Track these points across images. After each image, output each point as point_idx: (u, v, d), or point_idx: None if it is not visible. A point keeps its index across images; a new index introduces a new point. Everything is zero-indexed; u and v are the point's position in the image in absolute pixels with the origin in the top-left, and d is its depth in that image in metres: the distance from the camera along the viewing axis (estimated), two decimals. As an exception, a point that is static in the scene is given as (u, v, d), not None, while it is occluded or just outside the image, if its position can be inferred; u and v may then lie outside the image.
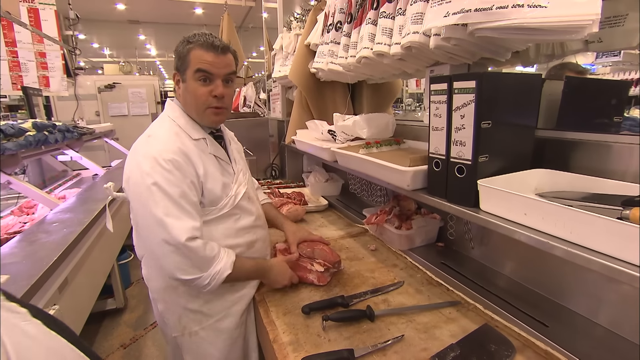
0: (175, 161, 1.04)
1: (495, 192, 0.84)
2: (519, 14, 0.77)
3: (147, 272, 1.24)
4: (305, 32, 2.10)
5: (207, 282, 1.06)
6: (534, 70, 1.51)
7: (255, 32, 8.97)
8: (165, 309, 1.22)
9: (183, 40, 1.12)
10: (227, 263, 1.09)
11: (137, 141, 1.12)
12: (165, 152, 1.04)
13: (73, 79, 4.86)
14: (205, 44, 1.09)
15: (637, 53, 3.75)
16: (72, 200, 2.22)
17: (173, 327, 1.22)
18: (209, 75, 1.10)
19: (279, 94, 2.72)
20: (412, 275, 1.32)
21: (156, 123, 1.18)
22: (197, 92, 1.10)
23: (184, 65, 1.11)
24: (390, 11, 1.22)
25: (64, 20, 4.36)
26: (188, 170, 1.07)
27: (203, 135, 1.17)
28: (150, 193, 1.01)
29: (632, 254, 0.58)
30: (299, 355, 0.91)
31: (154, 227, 1.02)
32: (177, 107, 1.18)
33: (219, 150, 1.21)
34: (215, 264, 1.07)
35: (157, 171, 1.02)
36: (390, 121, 1.65)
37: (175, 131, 1.12)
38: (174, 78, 1.17)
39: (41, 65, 3.67)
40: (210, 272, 1.06)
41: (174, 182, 1.03)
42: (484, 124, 0.85)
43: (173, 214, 1.01)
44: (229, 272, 1.08)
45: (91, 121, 4.85)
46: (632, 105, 1.00)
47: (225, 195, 1.16)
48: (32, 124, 2.06)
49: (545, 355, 0.88)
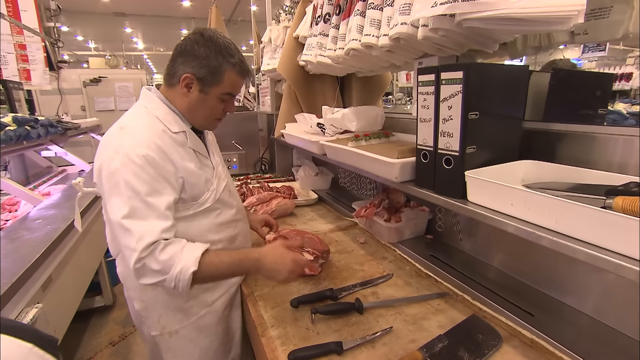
0: (149, 157, 0.97)
1: (482, 183, 0.84)
2: (506, 4, 0.77)
3: (123, 271, 1.20)
4: (293, 24, 2.08)
5: (174, 285, 0.95)
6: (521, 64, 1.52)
7: (244, 25, 8.86)
8: (142, 307, 1.17)
9: (217, 52, 1.03)
10: (188, 261, 0.95)
11: (109, 132, 1.05)
12: (139, 146, 0.97)
13: (56, 72, 4.72)
14: (242, 72, 1.08)
15: (622, 48, 3.79)
16: (56, 197, 2.16)
17: (151, 325, 1.18)
18: (232, 97, 1.12)
19: (268, 88, 2.69)
20: (401, 268, 1.32)
21: (130, 113, 1.10)
22: (216, 109, 1.11)
23: (214, 81, 1.05)
24: (378, 2, 1.21)
25: (44, 11, 4.23)
26: (164, 166, 1.00)
27: (183, 128, 1.10)
28: (119, 191, 0.94)
29: (614, 242, 0.59)
30: (287, 349, 0.90)
31: (118, 228, 0.95)
32: (155, 98, 1.10)
33: (199, 144, 1.15)
34: (175, 265, 0.94)
35: (128, 167, 0.95)
36: (379, 114, 1.64)
37: (151, 124, 1.04)
38: (182, 79, 1.05)
39: (21, 57, 3.55)
40: (172, 274, 0.94)
41: (145, 180, 0.96)
42: (471, 115, 0.85)
43: (138, 215, 0.94)
44: (193, 270, 0.94)
45: (77, 116, 4.72)
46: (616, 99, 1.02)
47: (206, 190, 1.12)
48: (13, 118, 2.00)
49: (531, 343, 0.90)
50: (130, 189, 0.94)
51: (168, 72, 1.10)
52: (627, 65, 6.88)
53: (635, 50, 7.80)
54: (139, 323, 1.26)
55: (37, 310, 1.20)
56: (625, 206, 0.59)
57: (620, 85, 6.85)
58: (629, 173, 0.79)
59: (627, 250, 0.57)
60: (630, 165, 0.84)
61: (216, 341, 1.24)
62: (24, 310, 1.19)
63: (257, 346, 1.03)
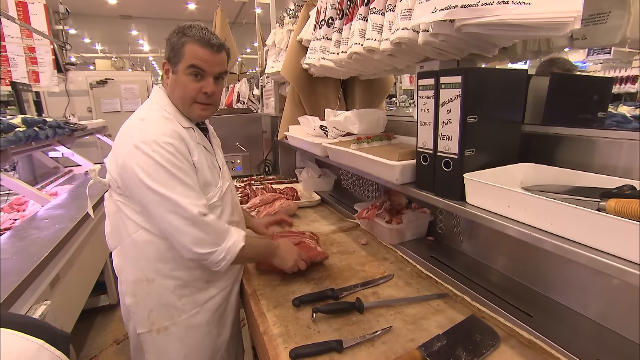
0: (175, 144, 1.05)
1: (480, 185, 0.85)
2: (503, 10, 0.78)
3: (120, 263, 1.19)
4: (297, 28, 2.10)
5: (222, 257, 1.07)
6: (525, 67, 1.54)
7: (248, 27, 8.92)
8: (133, 303, 1.17)
9: (177, 31, 1.10)
10: (239, 237, 1.11)
11: (128, 126, 1.09)
12: (164, 135, 1.04)
13: (64, 74, 4.79)
14: (201, 40, 1.08)
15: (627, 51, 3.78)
16: (63, 197, 2.21)
17: (139, 322, 1.18)
18: (202, 72, 1.10)
19: (272, 90, 2.72)
20: (402, 269, 1.34)
21: (145, 107, 1.16)
22: (188, 86, 1.11)
23: (177, 58, 1.10)
24: (380, 7, 1.23)
25: (53, 14, 4.30)
26: (186, 154, 1.08)
27: (191, 125, 1.17)
28: (157, 174, 1.01)
29: (607, 243, 0.61)
30: (289, 347, 0.92)
31: (166, 206, 1.02)
32: (165, 95, 1.17)
33: (206, 142, 1.21)
34: (228, 238, 1.09)
35: (160, 153, 1.01)
36: (382, 117, 1.66)
37: (168, 117, 1.11)
38: (163, 66, 1.16)
39: (30, 60, 3.62)
40: (224, 246, 1.07)
41: (177, 164, 1.04)
42: (470, 118, 0.87)
43: (182, 192, 1.03)
44: (242, 245, 1.10)
45: (83, 117, 4.79)
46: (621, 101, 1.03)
47: (214, 186, 1.18)
48: (22, 119, 2.04)
49: (528, 344, 0.91)
50: (167, 171, 1.02)
51: None
52: (633, 68, 6.84)
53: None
54: (126, 319, 1.26)
55: (46, 307, 1.23)
56: (618, 208, 0.61)
57: (626, 88, 6.81)
58: (625, 176, 0.81)
59: (619, 252, 0.59)
60: (627, 168, 0.85)
61: (205, 341, 1.24)
62: (33, 306, 1.23)
63: (259, 344, 1.05)
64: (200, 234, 1.04)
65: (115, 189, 1.13)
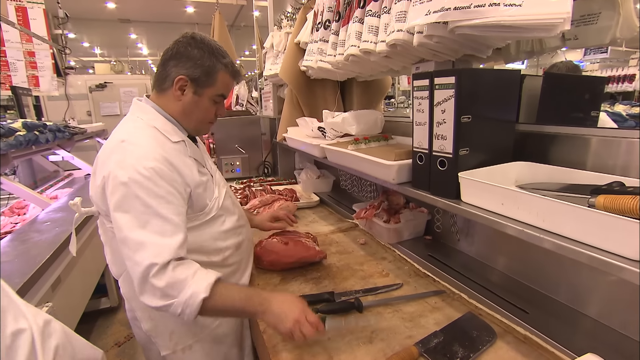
0: (157, 168, 0.93)
1: (474, 184, 0.87)
2: (495, 12, 0.80)
3: (129, 291, 1.12)
4: (295, 30, 2.12)
5: (180, 311, 0.88)
6: (523, 67, 1.56)
7: (247, 30, 8.95)
8: (152, 327, 1.11)
9: (210, 54, 1.04)
10: (200, 286, 0.89)
11: (107, 148, 0.98)
12: (145, 159, 0.93)
13: (63, 78, 4.81)
14: (234, 73, 1.10)
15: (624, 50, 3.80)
16: (64, 200, 2.22)
17: (162, 345, 1.12)
18: (223, 98, 1.12)
19: (271, 92, 2.74)
20: (400, 268, 1.35)
21: (126, 126, 1.05)
22: (209, 111, 1.11)
23: (207, 82, 1.05)
24: (376, 10, 1.25)
25: (53, 19, 4.32)
26: (172, 177, 0.96)
27: (182, 137, 1.08)
28: (129, 206, 0.89)
29: (596, 238, 0.62)
30: (288, 345, 0.93)
31: (128, 244, 0.89)
32: (150, 108, 1.07)
33: (197, 153, 1.13)
34: (185, 289, 0.88)
35: (137, 181, 0.90)
36: (379, 118, 1.68)
37: (152, 135, 1.01)
38: (177, 82, 1.03)
39: (30, 64, 3.64)
40: (181, 299, 0.87)
41: (156, 193, 0.92)
42: (463, 118, 0.89)
43: (153, 230, 0.90)
44: (203, 296, 0.87)
45: (83, 121, 4.81)
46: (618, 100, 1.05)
47: (209, 199, 1.10)
48: (22, 123, 2.06)
49: (524, 339, 0.92)
50: (142, 203, 0.90)
51: (158, 77, 1.07)
52: (630, 67, 6.87)
53: (638, 52, 7.78)
54: (148, 344, 1.18)
55: (48, 309, 1.24)
56: (607, 204, 0.62)
57: (623, 87, 6.83)
58: (616, 173, 0.82)
59: (607, 246, 0.60)
60: (616, 165, 0.87)
61: (233, 349, 1.22)
62: (35, 308, 1.24)
63: (259, 343, 1.06)
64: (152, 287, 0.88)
65: (104, 216, 1.03)
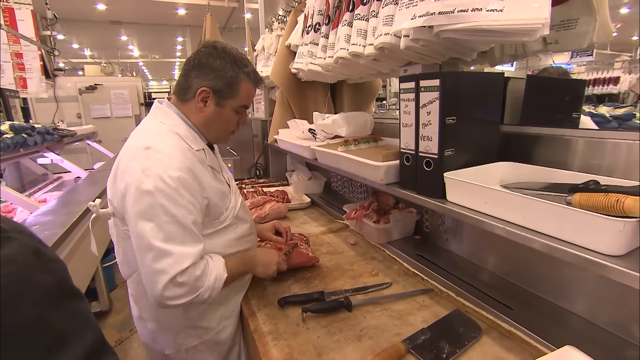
0: (182, 178, 0.94)
1: (459, 184, 0.89)
2: (478, 17, 0.83)
3: (137, 291, 1.14)
4: (286, 33, 2.14)
5: (208, 295, 0.98)
6: (512, 69, 1.60)
7: (239, 32, 8.93)
8: (158, 327, 1.13)
9: (232, 63, 1.04)
10: (219, 269, 1.02)
11: (130, 153, 0.99)
12: (171, 168, 0.94)
13: (52, 80, 4.76)
14: (256, 81, 1.09)
15: (609, 53, 3.89)
16: (53, 203, 2.19)
17: (166, 344, 1.14)
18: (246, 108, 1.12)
19: (262, 95, 2.75)
20: (389, 267, 1.37)
21: (149, 130, 1.05)
22: (232, 121, 1.11)
23: (231, 93, 1.05)
24: (364, 13, 1.27)
25: (41, 20, 4.28)
26: (194, 187, 0.98)
27: (202, 146, 1.08)
28: (153, 214, 0.91)
29: (571, 234, 0.65)
30: (278, 344, 0.94)
31: (152, 252, 0.91)
32: (174, 115, 1.07)
33: (215, 161, 1.14)
34: (208, 276, 0.99)
35: (162, 190, 0.91)
36: (369, 119, 1.71)
37: (177, 143, 1.01)
38: (199, 94, 1.03)
39: (18, 66, 3.60)
40: (207, 285, 0.97)
41: (181, 203, 0.94)
42: (448, 119, 0.91)
43: (177, 240, 0.93)
44: (225, 276, 1.02)
45: (72, 123, 4.75)
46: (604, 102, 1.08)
47: (226, 208, 1.12)
48: (10, 126, 2.04)
49: (508, 334, 0.95)
50: (166, 213, 0.92)
51: (181, 87, 1.07)
52: (615, 70, 7.06)
53: (623, 55, 7.98)
54: (151, 344, 1.19)
55: (36, 312, 1.22)
56: (582, 202, 0.65)
57: (609, 89, 7.00)
58: (592, 172, 0.85)
59: (581, 241, 0.63)
60: (597, 165, 0.90)
61: (234, 350, 1.24)
62: (23, 312, 1.22)
63: (249, 342, 1.07)
64: (179, 289, 0.93)
65: (120, 218, 1.04)
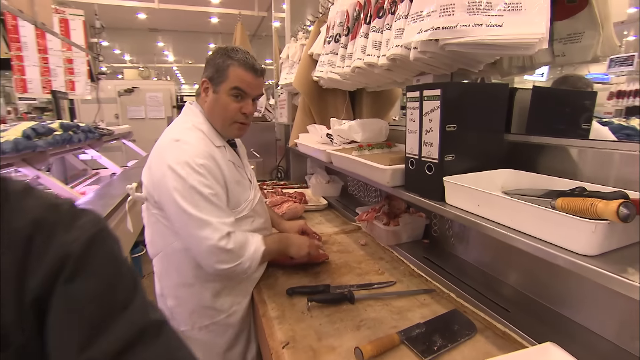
0: (207, 165, 1.12)
1: (456, 187, 0.95)
2: (479, 31, 0.89)
3: (161, 269, 1.28)
4: (309, 42, 2.25)
5: (248, 266, 1.15)
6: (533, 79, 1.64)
7: (268, 40, 9.24)
8: (176, 304, 1.26)
9: (222, 53, 1.17)
10: (257, 242, 1.19)
11: (163, 146, 1.16)
12: (197, 156, 1.11)
13: (96, 83, 5.15)
14: (246, 65, 1.18)
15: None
16: (91, 195, 2.40)
17: (182, 321, 1.26)
18: (243, 93, 1.19)
19: (286, 100, 2.87)
20: (396, 268, 1.43)
21: (179, 126, 1.22)
22: (229, 106, 1.20)
23: (221, 78, 1.17)
24: (379, 26, 1.36)
25: (90, 28, 4.66)
26: (217, 173, 1.15)
27: (223, 143, 1.24)
28: (189, 195, 1.08)
29: (551, 235, 0.69)
30: (283, 327, 1.03)
31: (195, 225, 1.09)
32: (199, 113, 1.24)
33: (235, 158, 1.29)
34: (248, 247, 1.16)
35: (192, 175, 1.09)
36: (384, 126, 1.77)
37: (202, 137, 1.18)
38: (202, 85, 1.22)
39: (68, 70, 3.95)
40: (247, 256, 1.15)
41: (208, 185, 1.11)
42: (449, 127, 0.97)
43: (212, 213, 1.10)
44: (263, 248, 1.19)
45: (110, 123, 5.08)
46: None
47: (244, 200, 1.26)
48: (60, 124, 2.27)
49: (502, 335, 0.98)
50: (197, 192, 1.09)
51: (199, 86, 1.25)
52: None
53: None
54: (170, 319, 1.29)
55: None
56: (564, 205, 0.69)
57: (638, 102, 6.60)
58: (598, 182, 0.88)
59: (562, 242, 0.68)
60: (599, 175, 0.93)
61: (239, 338, 1.33)
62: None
63: (258, 325, 1.16)
64: (225, 254, 1.11)
65: (152, 203, 1.20)
